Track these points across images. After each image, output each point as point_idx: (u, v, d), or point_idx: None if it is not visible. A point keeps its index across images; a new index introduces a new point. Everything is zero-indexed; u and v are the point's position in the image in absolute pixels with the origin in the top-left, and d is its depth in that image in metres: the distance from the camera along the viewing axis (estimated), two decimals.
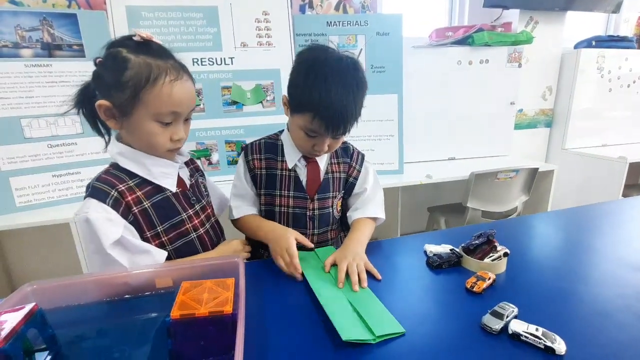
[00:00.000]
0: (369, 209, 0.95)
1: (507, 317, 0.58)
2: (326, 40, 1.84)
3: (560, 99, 2.59)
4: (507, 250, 0.77)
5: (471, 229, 0.91)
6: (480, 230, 0.82)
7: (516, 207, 1.91)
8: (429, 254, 0.83)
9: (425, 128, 2.23)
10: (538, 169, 1.83)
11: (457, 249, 0.82)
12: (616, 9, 2.54)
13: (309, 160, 0.92)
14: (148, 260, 0.70)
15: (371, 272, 0.76)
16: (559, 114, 2.61)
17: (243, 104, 1.82)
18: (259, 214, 0.95)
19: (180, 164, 0.80)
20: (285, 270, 0.78)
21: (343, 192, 0.98)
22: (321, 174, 0.93)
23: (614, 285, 0.70)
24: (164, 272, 0.63)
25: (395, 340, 0.56)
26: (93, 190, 0.69)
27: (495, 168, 1.75)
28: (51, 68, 1.53)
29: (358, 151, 1.00)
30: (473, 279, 0.71)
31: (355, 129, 0.85)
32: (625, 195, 2.17)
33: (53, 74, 1.54)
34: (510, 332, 0.56)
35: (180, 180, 0.80)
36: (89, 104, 0.72)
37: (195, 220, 0.80)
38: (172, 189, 0.77)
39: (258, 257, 0.97)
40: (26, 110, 1.51)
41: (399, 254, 0.89)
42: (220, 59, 1.75)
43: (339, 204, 0.99)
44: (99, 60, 0.69)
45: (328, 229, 0.97)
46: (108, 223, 0.66)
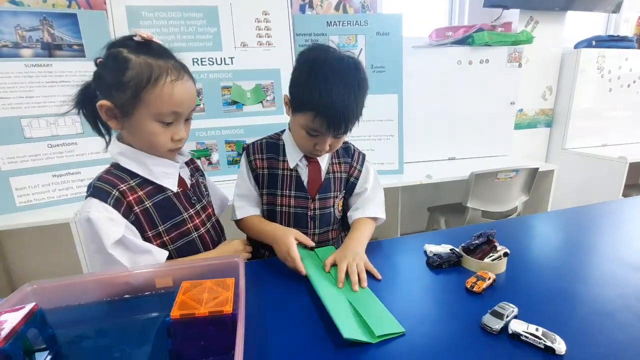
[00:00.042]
0: (369, 209, 0.95)
1: (507, 317, 0.58)
2: (326, 40, 1.84)
3: (560, 99, 2.59)
4: (507, 250, 0.77)
5: (471, 229, 0.91)
6: (480, 230, 0.82)
7: (516, 207, 1.91)
8: (429, 253, 0.83)
9: (425, 128, 2.23)
10: (538, 169, 1.83)
11: (457, 249, 0.82)
12: (616, 9, 2.54)
13: (310, 160, 0.92)
14: (149, 260, 0.70)
15: (371, 272, 0.76)
16: (559, 114, 2.61)
17: (243, 104, 1.82)
18: (262, 215, 0.95)
19: (180, 163, 0.80)
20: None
21: (344, 192, 0.98)
22: (322, 173, 0.93)
23: (614, 285, 0.70)
24: (164, 272, 0.62)
25: (395, 340, 0.56)
26: (94, 189, 0.69)
27: (496, 168, 1.75)
28: (51, 68, 1.53)
29: (359, 151, 1.00)
30: (473, 279, 0.71)
31: (356, 129, 0.85)
32: (626, 195, 2.17)
33: (53, 73, 1.54)
34: (510, 332, 0.56)
35: (181, 180, 0.80)
36: (89, 104, 0.72)
37: (196, 220, 0.81)
38: (173, 189, 0.77)
39: (259, 257, 0.97)
40: (26, 110, 1.51)
41: (399, 254, 0.89)
42: (220, 58, 1.75)
43: (340, 203, 0.99)
44: (99, 60, 0.69)
45: (329, 228, 0.97)
46: (109, 223, 0.66)
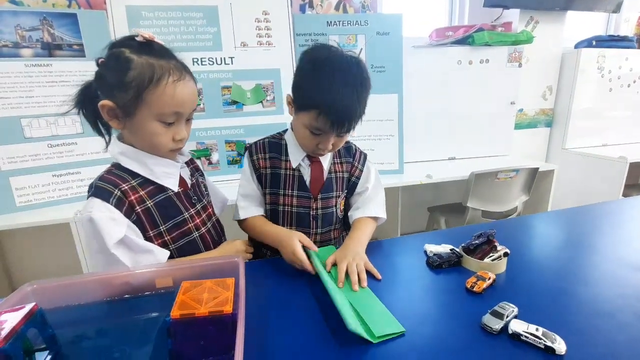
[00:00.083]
0: (369, 209, 0.95)
1: (507, 317, 0.58)
2: (327, 40, 1.84)
3: (560, 99, 2.59)
4: (507, 250, 0.77)
5: (471, 229, 0.91)
6: (480, 230, 0.82)
7: (516, 207, 1.91)
8: (429, 253, 0.83)
9: (426, 128, 2.23)
10: (538, 168, 1.83)
11: (457, 249, 0.82)
12: (616, 9, 2.54)
13: (313, 160, 0.92)
14: (151, 260, 0.70)
15: (371, 272, 0.76)
16: (559, 114, 2.61)
17: (243, 104, 1.81)
18: (265, 215, 0.95)
19: (181, 163, 0.80)
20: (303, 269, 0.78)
21: (346, 192, 0.98)
22: (324, 173, 0.93)
23: (614, 285, 0.70)
24: (164, 272, 0.62)
25: (396, 340, 0.56)
26: (96, 189, 0.68)
27: (496, 168, 1.75)
28: (51, 68, 1.53)
29: (360, 151, 1.01)
30: (473, 279, 0.71)
31: (356, 129, 0.85)
32: (626, 195, 2.17)
33: (53, 73, 1.54)
34: (510, 332, 0.56)
35: (181, 179, 0.80)
36: (90, 104, 0.72)
37: (197, 220, 0.81)
38: (174, 189, 0.77)
39: (261, 257, 0.97)
40: (26, 110, 1.51)
41: (399, 254, 0.89)
42: (220, 58, 1.75)
43: (342, 203, 0.99)
44: (101, 60, 0.69)
45: (331, 228, 0.97)
46: (111, 222, 0.66)
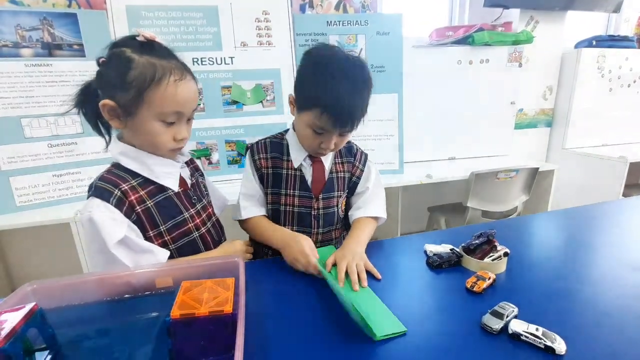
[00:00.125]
0: (370, 208, 0.95)
1: (507, 317, 0.58)
2: (327, 40, 1.84)
3: (560, 99, 2.59)
4: (507, 250, 0.77)
5: (471, 229, 0.91)
6: (480, 230, 0.82)
7: (516, 207, 1.91)
8: (429, 253, 0.83)
9: (426, 128, 2.23)
10: (538, 168, 1.83)
11: (457, 249, 0.82)
12: (617, 9, 2.53)
13: (314, 160, 0.92)
14: (151, 260, 0.70)
15: (371, 272, 0.76)
16: (560, 114, 2.61)
17: (243, 104, 1.81)
18: (267, 215, 0.95)
19: (181, 163, 0.80)
20: (306, 272, 0.77)
21: (347, 192, 0.98)
22: (326, 173, 0.93)
23: (614, 285, 0.70)
24: (164, 272, 0.62)
25: (396, 340, 0.56)
26: (96, 189, 0.68)
27: (496, 168, 1.75)
28: (51, 68, 1.53)
29: (361, 151, 1.01)
30: (473, 279, 0.71)
31: (358, 128, 0.85)
32: (626, 195, 2.17)
33: (53, 73, 1.54)
34: (510, 332, 0.56)
35: (181, 179, 0.80)
36: (90, 104, 0.72)
37: (197, 220, 0.81)
38: (175, 189, 0.77)
39: (261, 257, 0.97)
40: (26, 110, 1.51)
41: (399, 254, 0.89)
42: (221, 58, 1.75)
43: (343, 203, 0.99)
44: (102, 60, 0.69)
45: (332, 228, 0.97)
46: (112, 223, 0.66)
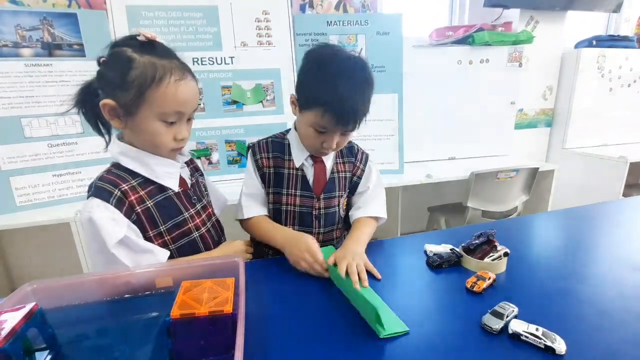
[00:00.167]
0: (370, 208, 0.95)
1: (507, 317, 0.58)
2: (327, 40, 1.84)
3: (560, 99, 2.59)
4: (507, 250, 0.77)
5: (471, 229, 0.91)
6: (480, 230, 0.82)
7: (516, 207, 1.91)
8: (429, 253, 0.83)
9: (426, 128, 2.23)
10: (538, 168, 1.83)
11: (457, 249, 0.82)
12: (617, 9, 2.53)
13: (316, 160, 0.92)
14: (151, 260, 0.70)
15: (371, 272, 0.76)
16: (560, 114, 2.61)
17: (243, 104, 1.81)
18: (268, 214, 0.95)
19: (181, 163, 0.80)
20: (311, 272, 0.77)
21: (348, 192, 0.98)
22: (327, 173, 0.93)
23: (614, 285, 0.70)
24: (164, 272, 0.62)
25: (396, 340, 0.56)
26: (96, 189, 0.68)
27: (496, 168, 1.75)
28: (51, 67, 1.53)
29: (362, 151, 1.01)
30: (473, 279, 0.71)
31: (359, 127, 0.85)
32: (626, 195, 2.17)
33: (53, 73, 1.54)
34: (510, 332, 0.56)
35: (181, 179, 0.80)
36: (90, 103, 0.72)
37: (197, 220, 0.81)
38: (175, 189, 0.77)
39: (262, 256, 0.97)
40: (26, 110, 1.51)
41: (399, 254, 0.89)
42: (221, 58, 1.75)
43: (345, 203, 0.99)
44: (102, 59, 0.69)
45: (333, 228, 0.97)
46: (112, 223, 0.66)
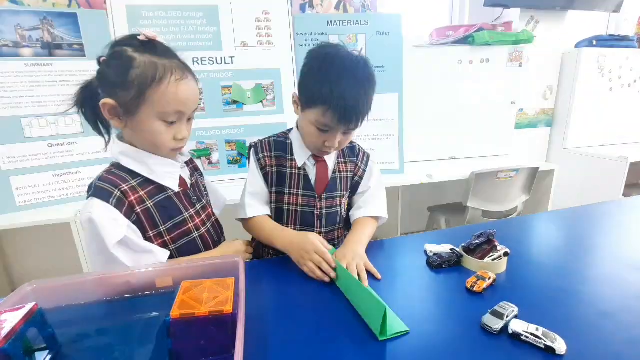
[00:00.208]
0: (370, 208, 0.95)
1: (508, 317, 0.58)
2: (327, 40, 1.84)
3: (561, 99, 2.59)
4: (508, 250, 0.77)
5: (471, 229, 0.91)
6: (480, 230, 0.82)
7: (516, 207, 1.91)
8: (429, 253, 0.83)
9: (426, 127, 2.23)
10: (538, 168, 1.83)
11: (458, 249, 0.81)
12: (617, 9, 2.53)
13: (318, 160, 0.92)
14: (151, 260, 0.70)
15: (371, 272, 0.76)
16: (560, 114, 2.61)
17: (243, 104, 1.81)
18: (270, 214, 0.95)
19: (181, 163, 0.80)
20: (315, 274, 0.74)
21: (349, 191, 0.98)
22: (329, 173, 0.93)
23: (614, 285, 0.70)
24: (164, 272, 0.62)
25: (396, 340, 0.56)
26: (96, 189, 0.68)
27: (496, 167, 1.75)
28: (51, 67, 1.53)
29: (364, 151, 1.01)
30: (473, 279, 0.71)
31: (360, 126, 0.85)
32: (626, 195, 2.17)
33: (53, 73, 1.54)
34: (510, 332, 0.56)
35: (181, 179, 0.80)
36: (90, 103, 0.72)
37: (197, 220, 0.81)
38: (175, 189, 0.77)
39: (261, 257, 0.97)
40: (26, 110, 1.51)
41: (399, 254, 0.89)
42: (221, 58, 1.75)
43: (346, 203, 0.99)
44: (102, 59, 0.69)
45: (335, 228, 0.97)
46: (112, 223, 0.66)
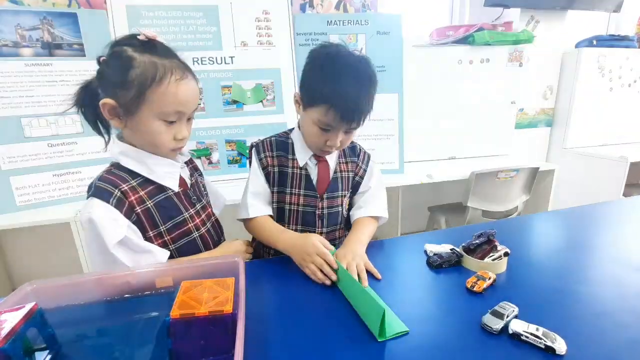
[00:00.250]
0: (371, 208, 0.95)
1: (508, 317, 0.58)
2: (327, 40, 1.84)
3: (561, 98, 2.59)
4: (508, 250, 0.77)
5: (471, 229, 0.91)
6: (480, 230, 0.82)
7: (517, 207, 1.90)
8: (429, 253, 0.83)
9: (426, 127, 2.23)
10: (539, 168, 1.83)
11: (458, 249, 0.81)
12: (617, 8, 2.53)
13: (319, 159, 0.92)
14: (151, 260, 0.70)
15: (371, 272, 0.76)
16: (560, 113, 2.61)
17: (243, 103, 1.81)
18: (272, 214, 0.95)
19: (181, 163, 0.80)
20: (316, 277, 0.74)
21: (350, 191, 0.98)
22: (330, 172, 0.93)
23: (614, 285, 0.70)
24: (164, 272, 0.62)
25: (396, 340, 0.56)
26: (96, 189, 0.68)
27: (496, 167, 1.75)
28: (51, 67, 1.53)
29: (365, 151, 1.01)
30: (473, 279, 0.71)
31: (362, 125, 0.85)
32: (626, 194, 2.17)
33: (53, 73, 1.54)
34: (510, 332, 0.56)
35: (181, 179, 0.80)
36: (90, 103, 0.72)
37: (197, 220, 0.80)
38: (175, 189, 0.77)
39: (261, 257, 0.97)
40: (26, 110, 1.51)
41: (400, 254, 0.89)
42: (221, 58, 1.75)
43: (347, 203, 0.99)
44: (102, 58, 0.69)
45: (336, 227, 0.97)
46: (112, 223, 0.66)
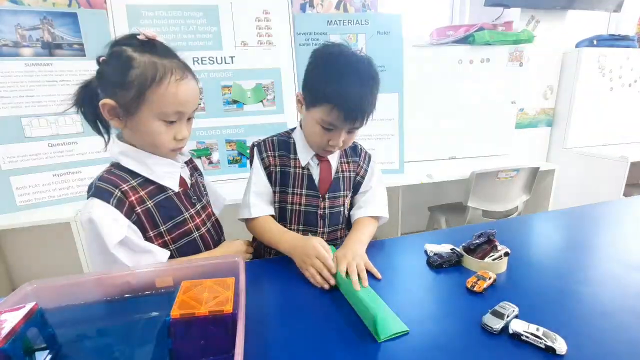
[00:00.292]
0: (372, 208, 0.95)
1: (508, 317, 0.58)
2: (327, 39, 1.84)
3: (561, 98, 2.59)
4: (508, 250, 0.77)
5: (472, 229, 0.91)
6: (480, 230, 0.82)
7: (517, 207, 1.90)
8: (429, 253, 0.83)
9: (426, 127, 2.23)
10: (539, 168, 1.83)
11: (458, 249, 0.81)
12: (617, 8, 2.53)
13: (321, 159, 0.92)
14: (151, 260, 0.70)
15: (371, 272, 0.76)
16: (560, 113, 2.61)
17: (243, 103, 1.81)
18: (273, 214, 0.94)
19: (181, 163, 0.80)
20: (315, 280, 0.73)
21: (352, 191, 0.98)
22: (332, 172, 0.93)
23: (614, 285, 0.70)
24: (164, 272, 0.62)
25: (396, 340, 0.56)
26: (96, 190, 0.68)
27: (496, 167, 1.75)
28: (51, 67, 1.53)
29: (366, 151, 1.01)
30: (474, 279, 0.70)
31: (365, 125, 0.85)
32: (627, 194, 2.17)
33: (53, 73, 1.54)
34: (510, 332, 0.55)
35: (181, 179, 0.80)
36: (90, 103, 0.72)
37: (197, 220, 0.80)
38: (175, 189, 0.77)
39: (261, 257, 0.97)
40: (27, 110, 1.51)
41: (400, 254, 0.89)
42: (221, 58, 1.75)
43: (349, 202, 0.99)
44: (102, 58, 0.68)
45: (337, 227, 0.97)
46: (112, 223, 0.66)
